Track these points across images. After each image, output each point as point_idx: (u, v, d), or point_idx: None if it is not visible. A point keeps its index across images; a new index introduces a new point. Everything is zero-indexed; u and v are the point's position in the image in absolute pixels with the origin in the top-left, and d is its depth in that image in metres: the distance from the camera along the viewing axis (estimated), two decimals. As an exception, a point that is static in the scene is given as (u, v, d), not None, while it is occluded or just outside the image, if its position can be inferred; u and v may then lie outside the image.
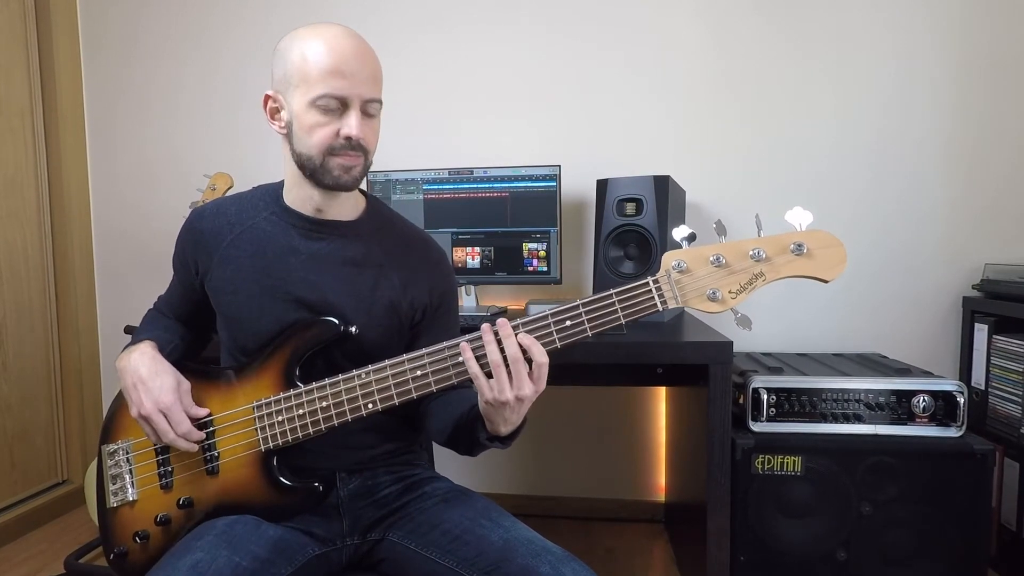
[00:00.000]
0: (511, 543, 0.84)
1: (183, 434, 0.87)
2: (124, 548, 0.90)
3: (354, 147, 0.86)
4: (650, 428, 1.89)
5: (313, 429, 0.86)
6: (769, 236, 0.78)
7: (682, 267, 0.79)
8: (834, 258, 0.77)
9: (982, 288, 1.65)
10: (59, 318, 2.03)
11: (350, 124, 0.85)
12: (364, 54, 0.86)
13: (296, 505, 0.88)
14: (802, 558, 1.32)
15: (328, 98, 0.84)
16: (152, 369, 0.89)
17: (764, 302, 1.79)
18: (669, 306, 0.80)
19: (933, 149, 1.72)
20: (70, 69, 2.02)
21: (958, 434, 1.30)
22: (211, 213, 0.96)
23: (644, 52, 1.81)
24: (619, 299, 0.80)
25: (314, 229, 0.93)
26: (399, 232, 1.00)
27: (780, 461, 1.32)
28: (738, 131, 1.78)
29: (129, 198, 2.07)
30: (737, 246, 0.78)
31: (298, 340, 0.90)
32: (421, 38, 1.89)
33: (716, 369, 1.19)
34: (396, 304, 0.95)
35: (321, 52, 0.84)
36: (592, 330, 0.81)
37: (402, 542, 0.90)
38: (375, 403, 0.85)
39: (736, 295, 0.78)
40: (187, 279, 0.99)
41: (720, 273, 0.79)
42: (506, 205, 1.68)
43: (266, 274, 0.92)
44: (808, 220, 0.77)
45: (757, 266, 0.78)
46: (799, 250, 0.77)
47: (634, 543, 1.77)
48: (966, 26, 1.68)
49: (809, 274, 0.77)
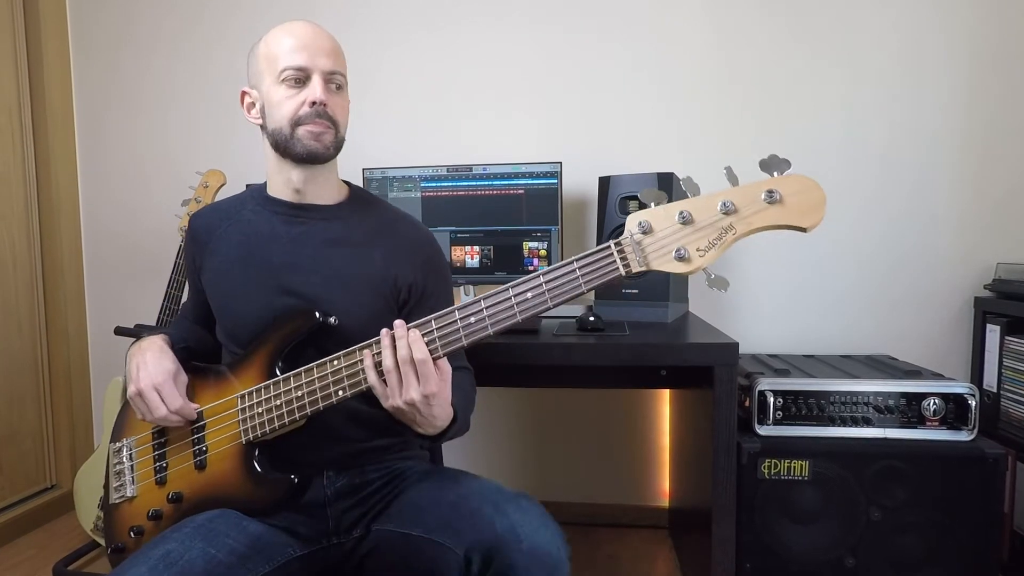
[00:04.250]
0: (464, 496, 0.86)
1: (176, 409, 0.89)
2: (121, 543, 0.93)
3: (320, 115, 0.91)
4: (653, 432, 1.87)
5: (289, 419, 0.87)
6: (739, 187, 0.73)
7: (645, 227, 0.75)
8: (810, 202, 0.71)
9: (994, 288, 1.63)
10: (47, 319, 2.01)
11: (314, 90, 0.91)
12: (320, 34, 0.94)
13: (274, 497, 0.88)
14: (809, 565, 1.31)
15: (290, 70, 0.91)
16: (156, 354, 0.92)
17: (770, 303, 1.77)
18: (633, 269, 0.76)
19: (944, 146, 1.70)
20: (59, 64, 1.99)
21: (969, 438, 1.29)
22: (207, 212, 1.04)
23: (646, 46, 1.79)
24: (579, 266, 0.78)
25: (295, 214, 0.98)
26: (381, 213, 1.02)
27: (787, 465, 1.30)
28: (743, 127, 1.76)
29: (119, 196, 2.05)
30: (705, 200, 0.74)
31: (280, 332, 0.91)
32: (419, 33, 1.87)
33: (721, 371, 1.17)
34: (378, 283, 0.95)
35: (281, 36, 0.94)
36: (553, 300, 0.78)
37: (383, 527, 0.91)
38: (344, 389, 0.84)
39: (704, 252, 0.73)
40: (193, 279, 1.04)
41: (687, 230, 0.74)
42: (506, 203, 1.66)
43: (250, 262, 0.96)
44: (786, 167, 0.72)
45: (726, 219, 0.73)
46: (771, 197, 0.72)
47: (637, 550, 1.75)
48: (977, 21, 1.67)
49: (783, 222, 0.72)
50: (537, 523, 0.80)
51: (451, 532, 0.82)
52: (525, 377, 1.54)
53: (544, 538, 0.79)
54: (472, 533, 0.80)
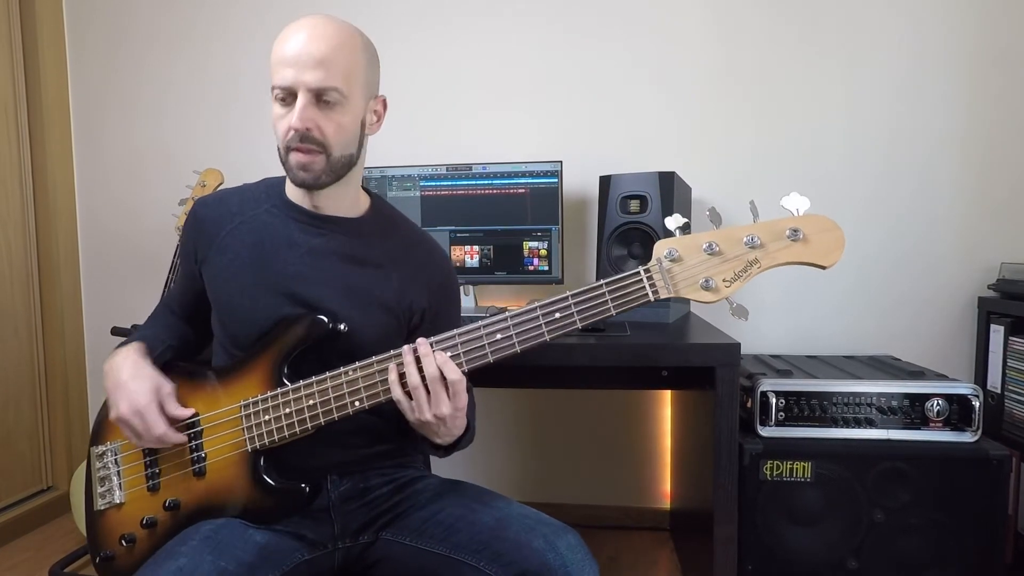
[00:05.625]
0: (503, 520, 0.85)
1: (158, 437, 0.86)
2: (111, 552, 0.90)
3: (304, 139, 0.84)
4: (655, 433, 1.86)
5: (300, 428, 0.85)
6: (764, 222, 0.77)
7: (674, 255, 0.78)
8: (831, 243, 0.76)
9: (998, 288, 1.62)
10: (44, 319, 2.00)
11: (293, 114, 0.83)
12: (314, 39, 0.83)
13: (282, 506, 0.87)
14: (812, 567, 1.30)
15: (277, 89, 0.84)
16: (132, 372, 0.88)
17: (772, 303, 1.76)
18: (661, 296, 0.79)
19: (947, 144, 1.69)
20: (55, 62, 1.98)
21: (973, 439, 1.29)
22: (214, 202, 0.97)
23: (648, 44, 1.78)
24: (609, 290, 0.80)
25: (314, 224, 0.93)
26: (403, 234, 0.99)
27: (789, 467, 1.30)
28: (745, 126, 1.75)
29: (116, 195, 2.04)
30: (731, 233, 0.78)
31: (287, 337, 0.88)
32: (418, 30, 1.86)
33: (723, 372, 1.17)
34: (392, 305, 0.93)
35: (279, 43, 0.84)
36: (582, 322, 0.80)
37: (396, 539, 0.90)
38: (361, 400, 0.84)
39: (730, 283, 0.77)
40: (189, 268, 0.98)
41: (714, 261, 0.78)
42: (506, 202, 1.65)
43: (262, 265, 0.91)
44: (805, 206, 0.76)
45: (751, 253, 0.77)
46: (795, 235, 0.76)
47: (639, 551, 1.74)
48: (980, 20, 1.66)
49: (805, 260, 0.77)
50: (584, 562, 0.81)
51: (489, 556, 0.82)
52: (525, 378, 1.53)
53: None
54: (520, 562, 0.80)
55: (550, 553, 0.80)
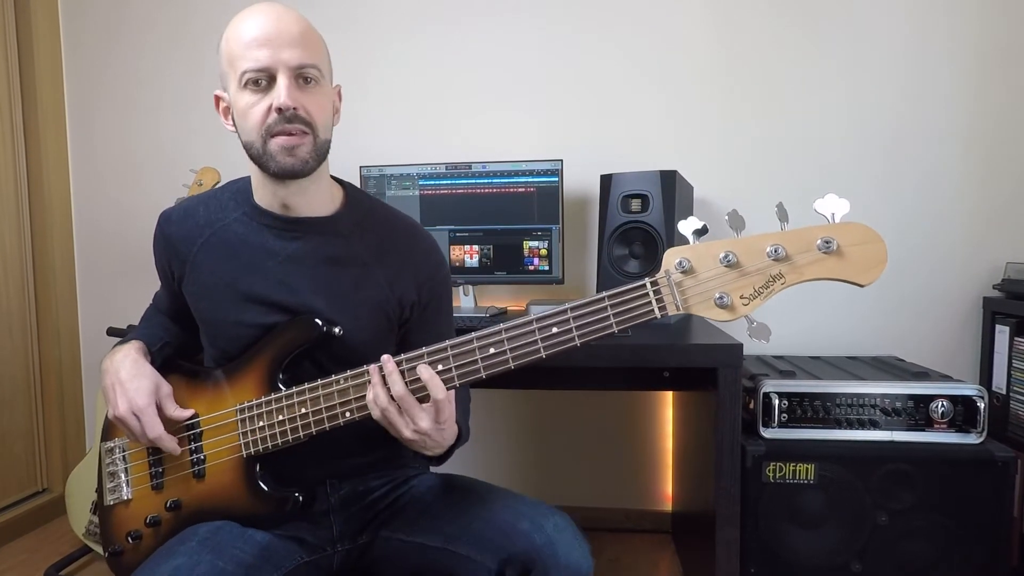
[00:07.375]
0: (493, 508, 0.86)
1: (154, 439, 0.86)
2: (120, 547, 0.91)
3: (291, 120, 0.80)
4: (656, 434, 1.85)
5: (292, 436, 0.84)
6: (792, 230, 0.67)
7: (686, 266, 0.69)
8: (871, 257, 0.65)
9: (1003, 288, 1.61)
10: (39, 320, 1.98)
11: (278, 93, 0.79)
12: (284, 18, 0.81)
13: (277, 514, 0.87)
14: (815, 570, 1.30)
15: (251, 72, 0.79)
16: (132, 371, 0.87)
17: (775, 303, 1.73)
18: (669, 312, 0.70)
19: (951, 144, 1.68)
20: (50, 61, 1.97)
21: (978, 441, 1.28)
22: (178, 217, 0.92)
23: (649, 42, 1.77)
24: (611, 304, 0.72)
25: (288, 228, 0.88)
26: (382, 223, 0.94)
27: (792, 469, 1.29)
28: (747, 124, 1.74)
29: (112, 194, 2.03)
30: (753, 242, 0.68)
31: (280, 341, 0.87)
32: (417, 29, 1.85)
33: (726, 373, 1.16)
34: (382, 304, 0.91)
35: (238, 29, 0.81)
36: (580, 339, 0.73)
37: (394, 535, 0.90)
38: (352, 412, 0.81)
39: (749, 301, 0.68)
40: (168, 284, 0.97)
41: (731, 274, 0.68)
42: (506, 201, 1.63)
43: (241, 279, 0.88)
44: (844, 210, 0.67)
45: (775, 266, 0.67)
46: (827, 247, 0.66)
47: (640, 554, 1.73)
48: (984, 17, 1.65)
49: (839, 276, 0.66)
50: (573, 540, 0.82)
51: (481, 544, 0.82)
52: (526, 379, 1.51)
53: (579, 555, 0.81)
54: (508, 547, 0.80)
55: (536, 533, 0.80)
